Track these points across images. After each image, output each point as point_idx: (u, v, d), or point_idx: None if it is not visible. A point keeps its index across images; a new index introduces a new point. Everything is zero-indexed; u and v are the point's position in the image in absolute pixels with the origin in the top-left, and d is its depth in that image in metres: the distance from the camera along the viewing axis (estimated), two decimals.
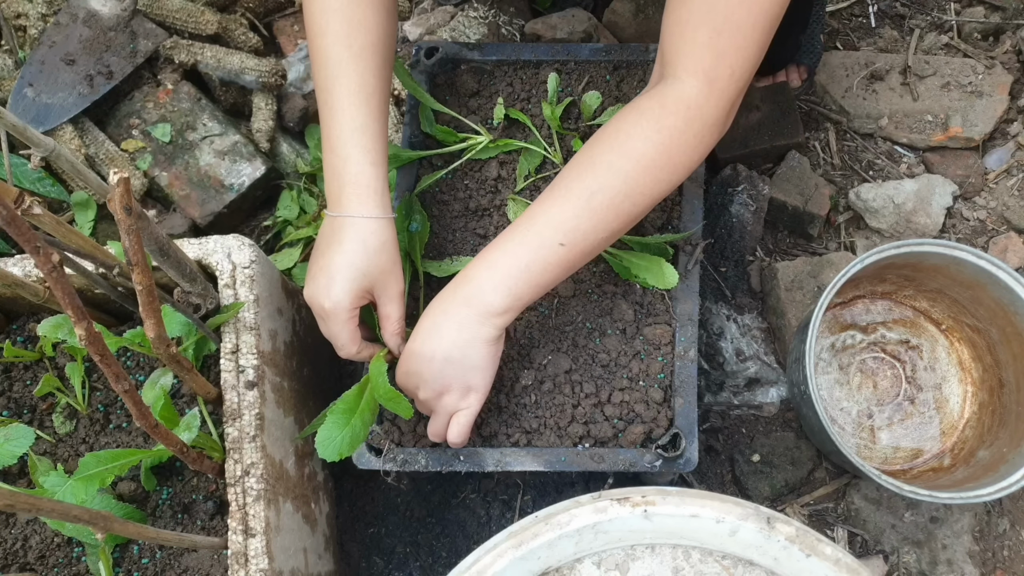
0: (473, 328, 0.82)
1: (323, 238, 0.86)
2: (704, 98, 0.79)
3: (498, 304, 0.81)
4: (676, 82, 0.80)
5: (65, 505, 0.59)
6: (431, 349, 0.83)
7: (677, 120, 0.79)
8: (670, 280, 0.95)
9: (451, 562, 1.05)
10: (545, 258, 0.81)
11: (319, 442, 0.82)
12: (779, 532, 0.74)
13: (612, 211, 0.81)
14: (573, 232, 0.81)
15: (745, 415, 1.21)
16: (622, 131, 0.81)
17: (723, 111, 0.81)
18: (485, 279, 0.82)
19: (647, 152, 0.80)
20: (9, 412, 0.91)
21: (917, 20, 1.45)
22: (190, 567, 0.85)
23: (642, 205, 0.82)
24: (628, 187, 0.80)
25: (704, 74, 0.78)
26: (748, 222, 1.25)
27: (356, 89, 0.85)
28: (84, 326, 0.57)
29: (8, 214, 0.50)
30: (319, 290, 0.84)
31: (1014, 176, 1.33)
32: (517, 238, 0.82)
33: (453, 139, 1.06)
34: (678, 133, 0.80)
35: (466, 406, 0.85)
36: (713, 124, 0.81)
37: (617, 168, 0.80)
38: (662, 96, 0.80)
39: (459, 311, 0.82)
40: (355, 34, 0.85)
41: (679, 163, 0.81)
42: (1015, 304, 1.04)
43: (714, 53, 0.77)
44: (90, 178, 0.79)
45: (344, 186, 0.84)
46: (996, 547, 1.15)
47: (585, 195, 0.80)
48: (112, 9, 1.26)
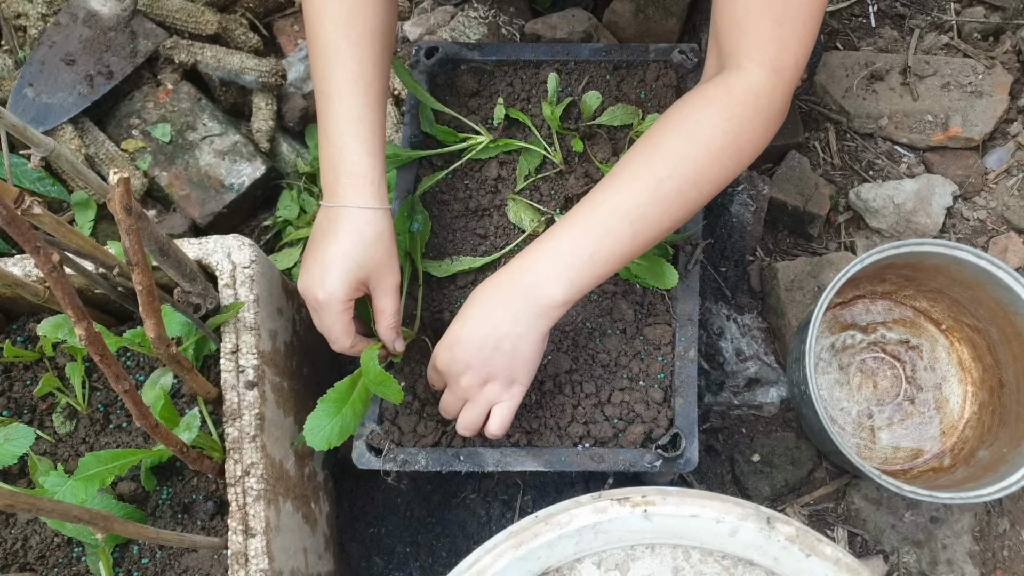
0: (530, 320, 0.80)
1: (318, 228, 0.85)
2: (771, 87, 0.80)
3: (559, 296, 0.79)
4: (742, 72, 0.80)
5: (65, 505, 0.59)
6: (482, 336, 0.80)
7: (746, 109, 0.79)
8: (670, 280, 0.95)
9: (451, 562, 1.05)
10: (611, 247, 0.79)
11: (308, 430, 0.81)
12: (779, 532, 0.74)
13: (680, 199, 0.80)
14: (641, 220, 0.79)
15: (745, 415, 1.21)
16: (690, 118, 0.80)
17: (786, 99, 0.82)
18: (547, 268, 0.79)
19: (716, 139, 0.79)
20: (9, 412, 0.91)
21: (917, 20, 1.45)
22: (190, 567, 0.85)
23: (707, 193, 0.81)
24: (697, 174, 0.79)
25: (770, 63, 0.79)
26: (748, 222, 1.25)
27: (354, 78, 0.84)
28: (84, 326, 0.57)
29: (8, 214, 0.50)
30: (313, 281, 0.83)
31: (1014, 176, 1.33)
32: (581, 226, 0.79)
33: (453, 139, 1.06)
34: (747, 121, 0.80)
35: (508, 398, 0.84)
36: (778, 112, 0.82)
37: (686, 155, 0.79)
38: (729, 85, 0.80)
39: (515, 301, 0.80)
40: (353, 22, 0.84)
41: (746, 151, 0.81)
42: (1015, 304, 1.04)
43: (778, 44, 0.78)
44: (90, 178, 0.79)
45: (340, 176, 0.84)
46: (996, 547, 1.15)
47: (653, 182, 0.79)
48: (112, 9, 1.26)
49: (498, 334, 0.80)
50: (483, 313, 0.81)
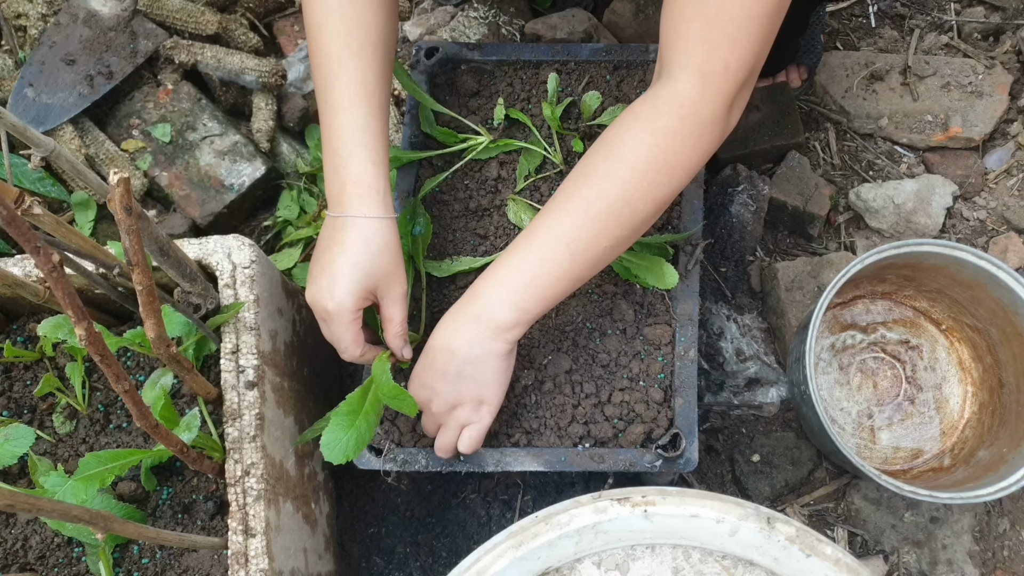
0: (485, 343, 0.82)
1: (324, 239, 0.86)
2: (698, 94, 0.76)
3: (507, 319, 0.81)
4: (669, 80, 0.78)
5: (65, 505, 0.59)
6: (443, 363, 0.83)
7: (670, 120, 0.77)
8: (670, 280, 0.95)
9: (451, 562, 1.05)
10: (550, 271, 0.80)
11: (324, 445, 0.81)
12: (779, 532, 0.74)
13: (612, 218, 0.80)
14: (575, 243, 0.80)
15: (745, 415, 1.21)
16: (616, 136, 0.80)
17: (720, 107, 0.77)
18: (492, 295, 0.82)
19: (641, 156, 0.78)
20: (9, 412, 0.91)
21: (917, 20, 1.45)
22: (190, 567, 0.85)
23: (644, 211, 0.81)
24: (626, 193, 0.79)
25: (696, 68, 0.76)
26: (748, 222, 1.25)
27: (356, 88, 0.84)
28: (84, 326, 0.57)
29: (8, 214, 0.50)
30: (321, 292, 0.84)
31: (1014, 176, 1.33)
32: (520, 252, 0.82)
33: (453, 140, 1.06)
34: (672, 134, 0.77)
35: (478, 419, 0.86)
36: (710, 121, 0.78)
37: (613, 175, 0.79)
38: (655, 97, 0.79)
39: (470, 327, 0.82)
40: (355, 32, 0.85)
41: (677, 165, 0.79)
42: (1015, 304, 1.04)
43: (706, 46, 0.75)
44: (90, 178, 0.79)
45: (345, 186, 0.84)
46: (996, 547, 1.15)
47: (583, 204, 0.79)
48: (112, 9, 1.26)
49: (458, 360, 0.83)
50: (443, 341, 0.84)
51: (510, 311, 0.81)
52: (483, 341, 0.82)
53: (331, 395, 1.11)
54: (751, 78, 0.80)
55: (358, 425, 0.82)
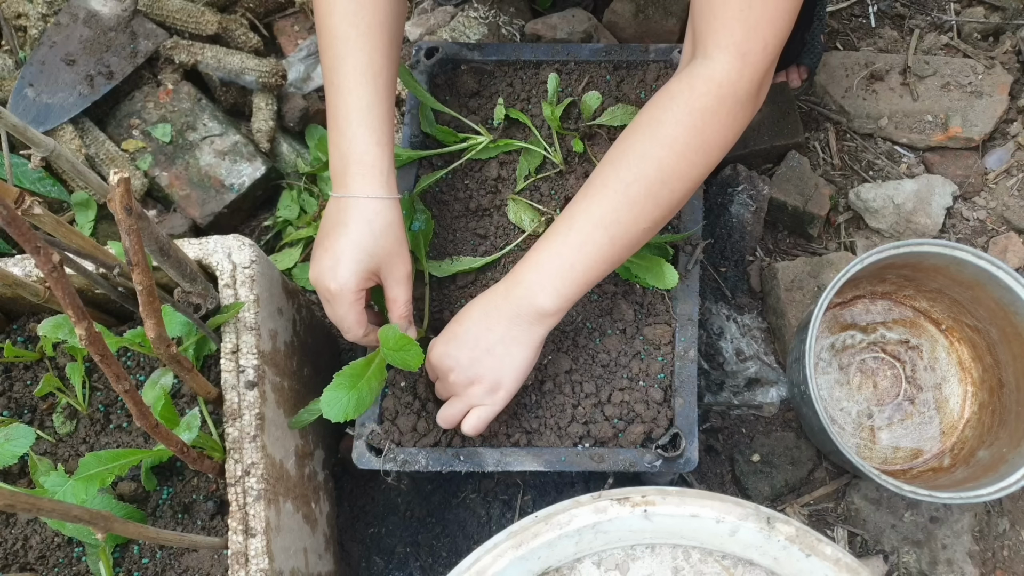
0: (524, 328, 0.82)
1: (328, 219, 0.86)
2: (737, 74, 0.77)
3: (549, 306, 0.82)
4: (706, 60, 0.78)
5: (65, 505, 0.59)
6: (475, 336, 0.83)
7: (708, 100, 0.78)
8: (670, 280, 0.95)
9: (451, 562, 1.05)
10: (590, 255, 0.81)
11: (324, 403, 0.81)
12: (779, 532, 0.74)
13: (651, 200, 0.80)
14: (615, 225, 0.80)
15: (745, 415, 1.21)
16: (654, 118, 0.80)
17: (755, 85, 0.78)
18: (534, 280, 0.82)
19: (679, 136, 0.78)
20: (9, 412, 0.91)
21: (917, 20, 1.45)
22: (190, 567, 0.85)
23: (680, 191, 0.81)
24: (663, 174, 0.79)
25: (736, 48, 0.76)
26: (748, 222, 1.25)
27: (363, 68, 0.84)
28: (84, 326, 0.57)
29: (8, 214, 0.50)
30: (325, 272, 0.84)
31: (1014, 176, 1.33)
32: (560, 237, 0.82)
33: (453, 139, 1.06)
34: (710, 114, 0.78)
35: (490, 403, 0.85)
36: (746, 100, 0.79)
37: (650, 156, 0.79)
38: (691, 77, 0.79)
39: (511, 309, 0.82)
40: (362, 13, 0.84)
41: (713, 144, 0.79)
42: (1015, 304, 1.05)
43: (746, 26, 0.75)
44: (90, 178, 0.79)
45: (349, 166, 0.84)
46: (996, 547, 1.15)
47: (621, 187, 0.80)
48: (112, 9, 1.26)
49: (491, 337, 0.83)
50: (480, 315, 0.84)
51: (551, 297, 0.81)
52: (523, 324, 0.82)
53: None
54: (778, 55, 0.80)
55: (360, 387, 0.82)
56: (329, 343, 1.18)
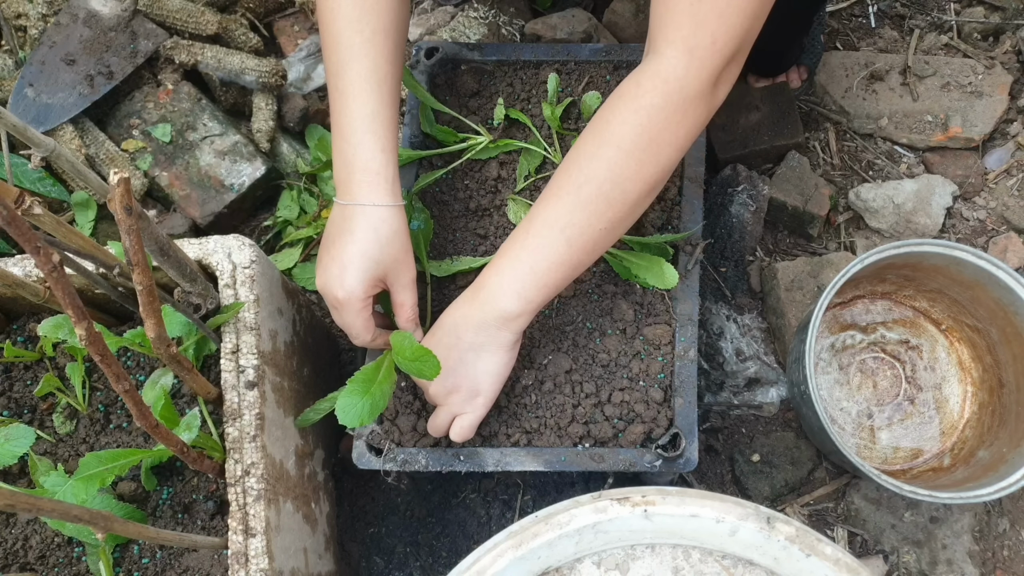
0: (491, 332, 0.83)
1: (334, 226, 0.86)
2: (683, 69, 0.75)
3: (513, 309, 0.82)
4: (654, 57, 0.77)
5: (65, 505, 0.59)
6: (447, 347, 0.84)
7: (655, 97, 0.76)
8: (670, 280, 0.95)
9: (451, 562, 1.05)
10: (549, 258, 0.81)
11: (340, 409, 0.81)
12: (779, 532, 0.74)
13: (603, 201, 0.79)
14: (569, 228, 0.80)
15: (745, 415, 1.21)
16: (602, 118, 0.80)
17: (705, 82, 0.76)
18: (496, 285, 0.83)
19: (627, 135, 0.77)
20: (9, 412, 0.91)
21: (917, 20, 1.45)
22: (190, 567, 0.85)
23: (635, 192, 0.80)
24: (614, 174, 0.78)
25: (683, 43, 0.75)
26: (748, 222, 1.25)
27: (368, 75, 0.84)
28: (84, 326, 0.57)
29: (8, 214, 0.50)
30: (332, 280, 0.84)
31: (1014, 176, 1.33)
32: (519, 242, 0.82)
33: (453, 139, 1.06)
34: (657, 111, 0.76)
35: (471, 410, 0.86)
36: (696, 97, 0.77)
37: (599, 156, 0.79)
38: (639, 75, 0.78)
39: (477, 316, 0.83)
40: (367, 18, 0.84)
41: (663, 142, 0.78)
42: (1015, 304, 1.05)
43: (694, 21, 0.74)
44: (90, 178, 0.79)
45: (354, 173, 0.84)
46: (996, 547, 1.15)
47: (573, 189, 0.80)
48: (112, 9, 1.26)
49: (462, 345, 0.84)
50: (451, 326, 0.85)
51: (514, 300, 0.82)
52: (489, 330, 0.83)
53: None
54: (740, 53, 0.78)
55: (373, 392, 0.82)
56: (329, 343, 1.18)
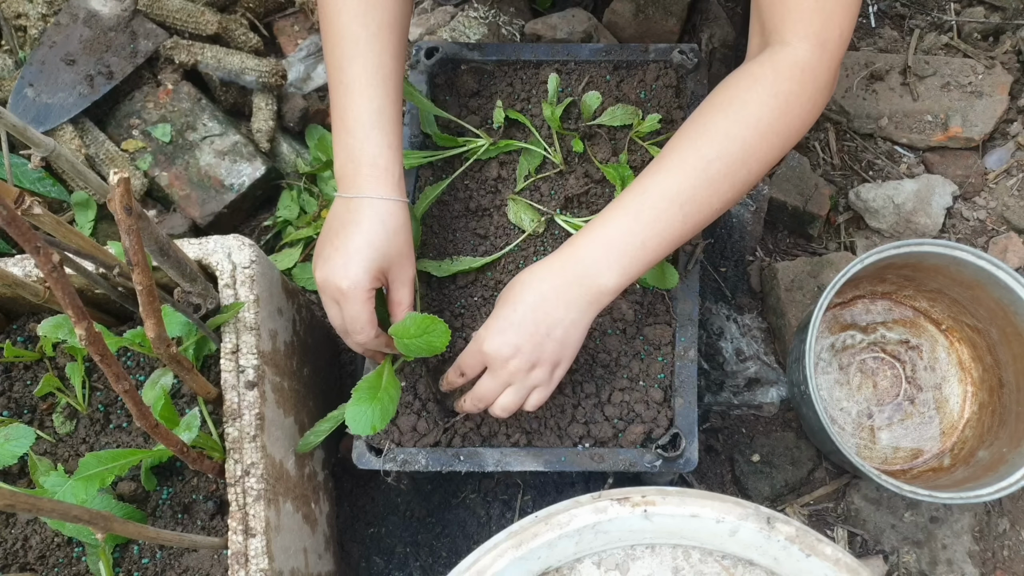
0: (582, 307, 0.80)
1: (336, 219, 0.85)
2: (817, 60, 0.79)
3: (612, 284, 0.80)
4: (787, 47, 0.79)
5: (65, 505, 0.59)
6: (534, 322, 0.80)
7: (793, 84, 0.79)
8: (670, 280, 0.95)
9: (451, 562, 1.05)
10: (661, 232, 0.79)
11: (350, 419, 0.80)
12: (779, 532, 0.74)
13: (728, 179, 0.80)
14: (690, 203, 0.79)
15: (745, 415, 1.21)
16: (737, 98, 0.80)
17: (833, 72, 0.81)
18: (600, 257, 0.80)
19: (764, 117, 0.79)
20: (9, 412, 0.91)
21: (917, 20, 1.45)
22: (190, 567, 0.85)
23: (756, 172, 0.81)
24: (746, 154, 0.79)
25: (816, 36, 0.79)
26: (748, 222, 1.25)
27: (374, 70, 0.84)
28: (84, 326, 0.57)
29: (8, 214, 0.50)
30: (335, 270, 0.82)
31: (1014, 176, 1.33)
32: (631, 212, 0.80)
33: (453, 144, 1.06)
34: (794, 97, 0.79)
35: (549, 382, 0.84)
36: (825, 86, 0.81)
37: (734, 135, 0.79)
38: (775, 62, 0.80)
39: (569, 289, 0.80)
40: (372, 13, 0.84)
41: (794, 128, 0.81)
42: (1015, 304, 1.04)
43: (823, 16, 0.78)
44: (90, 178, 0.79)
45: (361, 167, 0.83)
46: (996, 547, 1.15)
47: (701, 164, 0.79)
48: (112, 9, 1.26)
49: (550, 320, 0.80)
50: (536, 299, 0.81)
51: (616, 275, 0.79)
52: (581, 305, 0.80)
53: (331, 395, 1.11)
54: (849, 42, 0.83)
55: (380, 398, 0.82)
56: (329, 343, 1.18)
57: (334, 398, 0.95)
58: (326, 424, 0.93)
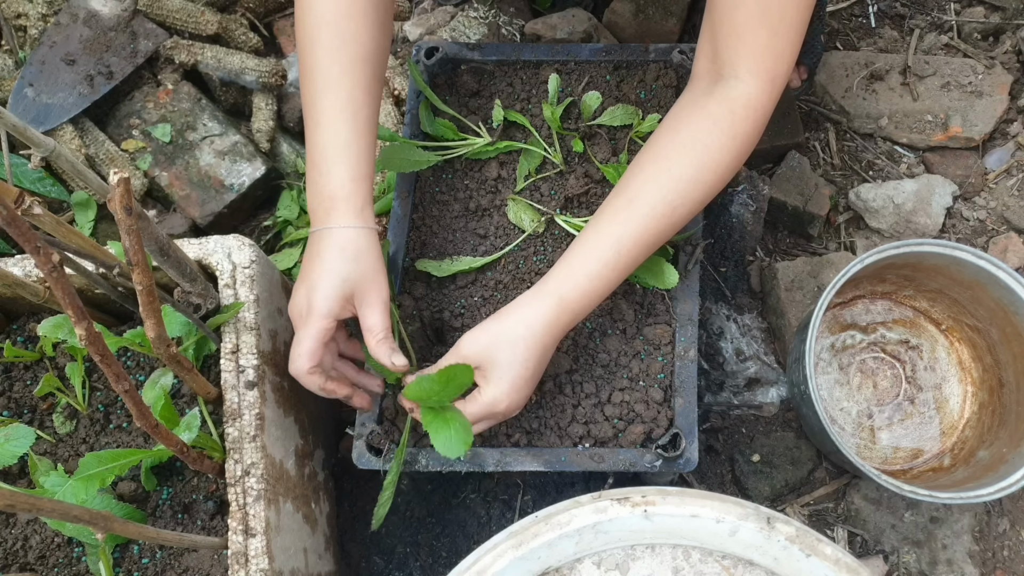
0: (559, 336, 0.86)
1: (306, 257, 0.86)
2: (767, 97, 0.83)
3: (578, 322, 0.86)
4: (739, 84, 0.83)
5: (65, 505, 0.59)
6: (535, 374, 0.85)
7: (747, 124, 0.83)
8: (670, 280, 0.95)
9: (451, 562, 1.05)
10: (625, 273, 0.85)
11: (441, 448, 0.79)
12: (779, 532, 0.74)
13: (688, 217, 0.86)
14: (655, 245, 0.86)
15: (745, 415, 1.21)
16: (699, 141, 0.83)
17: (775, 104, 0.85)
18: (583, 302, 0.84)
19: (723, 161, 0.84)
20: (9, 412, 0.91)
21: (917, 20, 1.45)
22: (190, 567, 0.85)
23: (706, 203, 0.87)
24: (705, 195, 0.85)
25: (767, 74, 0.82)
26: (748, 222, 1.25)
27: (343, 105, 0.85)
28: (84, 326, 0.57)
29: (8, 214, 0.50)
30: (299, 300, 0.84)
31: (1014, 176, 1.33)
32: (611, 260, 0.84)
33: (453, 135, 1.06)
34: (747, 136, 0.84)
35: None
36: (768, 118, 0.85)
37: (698, 180, 0.84)
38: (731, 101, 0.83)
39: (560, 335, 0.85)
40: (345, 48, 0.85)
41: (742, 162, 0.86)
42: (1015, 304, 1.04)
43: (774, 54, 0.81)
44: (90, 178, 0.79)
45: (323, 201, 0.85)
46: (996, 547, 1.15)
47: (668, 210, 0.84)
48: (112, 9, 1.26)
49: (544, 365, 0.86)
50: (543, 355, 0.85)
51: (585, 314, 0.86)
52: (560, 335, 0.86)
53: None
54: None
55: (448, 418, 0.81)
56: None
57: (334, 398, 0.95)
58: (387, 493, 0.90)
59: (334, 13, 0.84)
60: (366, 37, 0.86)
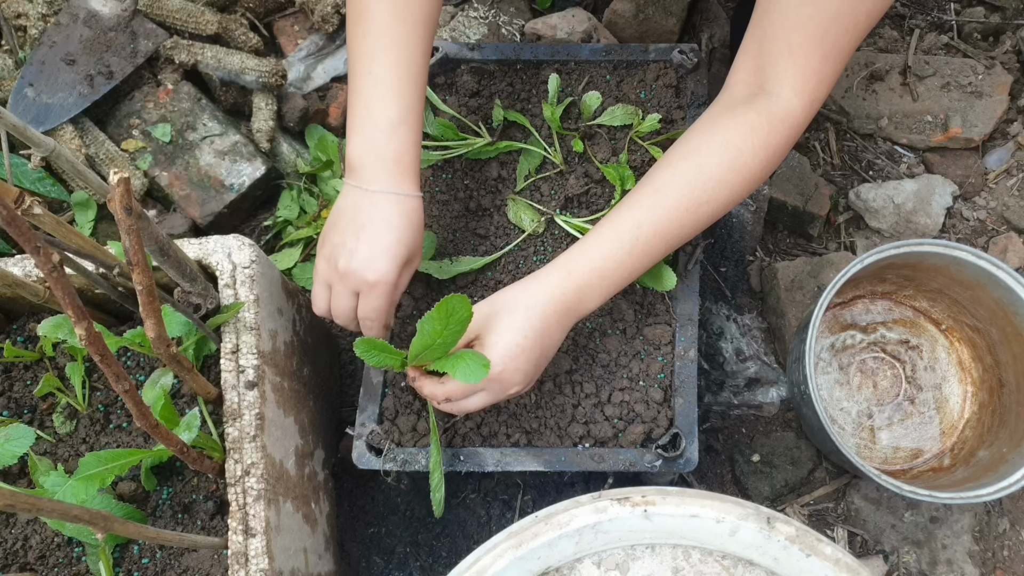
0: (568, 327, 0.86)
1: (358, 211, 0.84)
2: (805, 116, 0.85)
3: (594, 308, 0.86)
4: (782, 101, 0.84)
5: (65, 505, 0.59)
6: (542, 347, 0.83)
7: (781, 139, 0.85)
8: (669, 281, 0.95)
9: (451, 562, 1.05)
10: (644, 264, 0.85)
11: (463, 375, 0.77)
12: (779, 532, 0.74)
13: (710, 218, 0.86)
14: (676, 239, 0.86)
15: (745, 415, 1.21)
16: (733, 145, 0.84)
17: (808, 125, 0.87)
18: (594, 285, 0.84)
19: (754, 168, 0.85)
20: (9, 412, 0.91)
21: (917, 20, 1.45)
22: (190, 567, 0.85)
23: (730, 207, 0.88)
24: (730, 199, 0.86)
25: (810, 95, 0.84)
26: (748, 222, 1.25)
27: (406, 66, 0.85)
28: (84, 326, 0.57)
29: (8, 214, 0.50)
30: (363, 263, 0.83)
31: (1014, 176, 1.33)
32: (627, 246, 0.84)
33: (454, 134, 1.06)
34: (780, 149, 0.85)
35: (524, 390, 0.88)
36: (798, 138, 0.87)
37: (726, 182, 0.84)
38: (771, 115, 0.84)
39: (567, 314, 0.84)
40: (410, 7, 0.85)
41: (769, 174, 0.87)
42: (1015, 304, 1.05)
43: (820, 77, 0.83)
44: (90, 178, 0.79)
45: (386, 162, 0.84)
46: (996, 547, 1.15)
47: (693, 206, 0.84)
48: (112, 9, 1.26)
49: (550, 343, 0.84)
50: (542, 325, 0.82)
51: (600, 301, 0.86)
52: (568, 326, 0.86)
53: (331, 395, 1.11)
54: None
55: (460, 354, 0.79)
56: (329, 343, 1.18)
57: (334, 398, 0.95)
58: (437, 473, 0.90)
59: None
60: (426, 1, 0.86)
